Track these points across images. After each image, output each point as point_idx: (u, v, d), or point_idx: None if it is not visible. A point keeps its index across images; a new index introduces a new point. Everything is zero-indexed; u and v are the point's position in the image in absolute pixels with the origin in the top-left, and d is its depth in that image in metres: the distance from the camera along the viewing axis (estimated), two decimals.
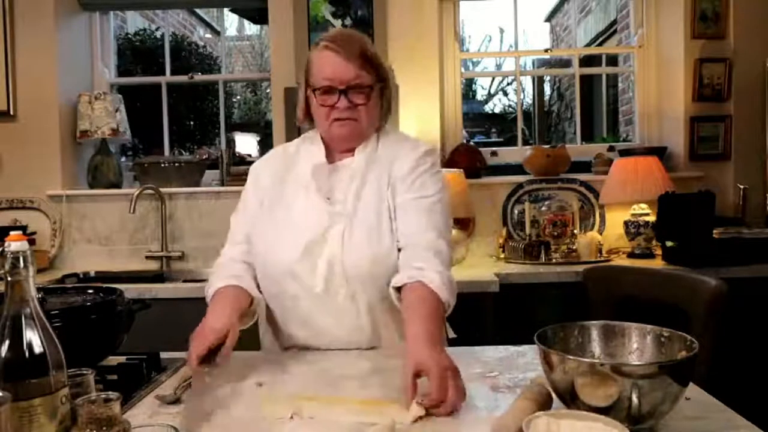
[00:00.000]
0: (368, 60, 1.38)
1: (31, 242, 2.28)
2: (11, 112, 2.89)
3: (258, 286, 1.43)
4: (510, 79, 8.35)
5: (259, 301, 1.42)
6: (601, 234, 2.77)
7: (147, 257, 2.91)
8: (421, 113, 2.86)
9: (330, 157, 1.46)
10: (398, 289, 1.31)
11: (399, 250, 1.36)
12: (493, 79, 8.96)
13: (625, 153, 2.81)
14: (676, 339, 1.00)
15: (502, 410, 0.96)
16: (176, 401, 1.10)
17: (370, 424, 0.96)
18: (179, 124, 4.56)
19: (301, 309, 1.39)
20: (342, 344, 1.39)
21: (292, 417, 1.02)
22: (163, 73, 3.31)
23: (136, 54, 4.47)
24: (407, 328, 1.18)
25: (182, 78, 3.33)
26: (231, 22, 8.54)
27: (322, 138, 1.47)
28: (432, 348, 1.08)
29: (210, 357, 1.18)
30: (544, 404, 0.95)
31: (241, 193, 1.54)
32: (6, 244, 0.81)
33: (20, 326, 0.81)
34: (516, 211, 2.86)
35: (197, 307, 2.29)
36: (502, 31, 8.43)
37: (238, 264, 1.44)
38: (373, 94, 1.40)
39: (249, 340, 1.60)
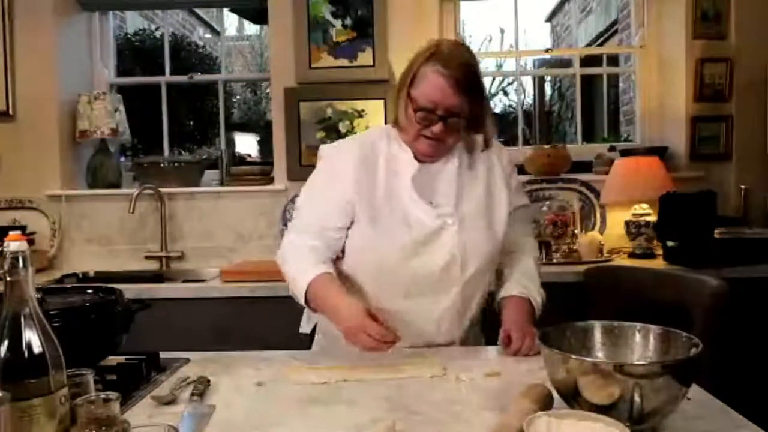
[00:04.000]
0: (474, 90, 1.39)
1: (30, 242, 2.28)
2: (10, 112, 2.88)
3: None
4: (511, 79, 8.33)
5: None
6: (602, 234, 2.77)
7: (146, 257, 2.90)
8: None
9: (417, 157, 1.47)
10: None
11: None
12: (494, 79, 8.93)
13: (626, 153, 2.80)
14: (679, 339, 1.00)
15: (503, 410, 0.96)
16: (172, 401, 1.10)
17: (371, 424, 0.95)
18: (179, 124, 4.56)
19: (395, 303, 1.43)
20: (419, 342, 1.44)
21: (325, 382, 1.16)
22: (163, 73, 3.31)
23: (136, 54, 4.47)
24: (510, 314, 1.44)
25: (182, 78, 3.32)
26: (231, 22, 8.56)
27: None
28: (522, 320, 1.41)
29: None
30: (545, 404, 0.94)
31: (316, 180, 1.51)
32: (5, 244, 0.81)
33: (19, 326, 0.80)
34: None
35: (197, 307, 2.32)
36: (502, 31, 8.41)
37: (321, 254, 1.43)
38: (468, 119, 1.42)
39: (247, 340, 1.60)
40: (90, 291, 1.37)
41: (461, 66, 1.37)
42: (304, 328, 1.64)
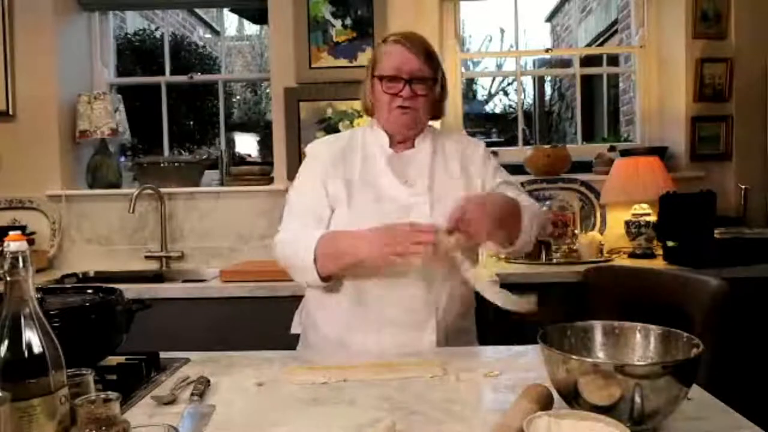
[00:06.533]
0: (431, 57, 1.54)
1: (30, 242, 2.28)
2: (10, 112, 2.88)
3: None
4: (511, 79, 8.34)
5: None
6: (602, 234, 2.77)
7: (146, 257, 2.90)
8: None
9: (392, 146, 1.58)
10: None
11: None
12: (494, 79, 8.94)
13: (626, 153, 2.80)
14: (679, 339, 0.99)
15: (503, 410, 0.96)
16: (172, 401, 1.10)
17: (371, 424, 0.95)
18: (179, 124, 4.56)
19: (377, 285, 1.46)
20: (401, 322, 1.46)
21: (325, 383, 1.16)
22: (163, 73, 3.31)
23: (136, 54, 4.47)
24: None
25: (182, 78, 3.32)
26: (231, 22, 8.54)
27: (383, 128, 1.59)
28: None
29: None
30: (545, 404, 0.94)
31: (300, 173, 1.62)
32: (5, 244, 0.81)
33: (19, 326, 0.80)
34: None
35: (197, 307, 2.32)
36: (502, 31, 8.42)
37: (316, 229, 1.49)
38: (433, 87, 1.54)
39: (247, 340, 1.60)
40: (90, 291, 1.37)
41: (414, 35, 1.56)
42: (296, 328, 1.66)
